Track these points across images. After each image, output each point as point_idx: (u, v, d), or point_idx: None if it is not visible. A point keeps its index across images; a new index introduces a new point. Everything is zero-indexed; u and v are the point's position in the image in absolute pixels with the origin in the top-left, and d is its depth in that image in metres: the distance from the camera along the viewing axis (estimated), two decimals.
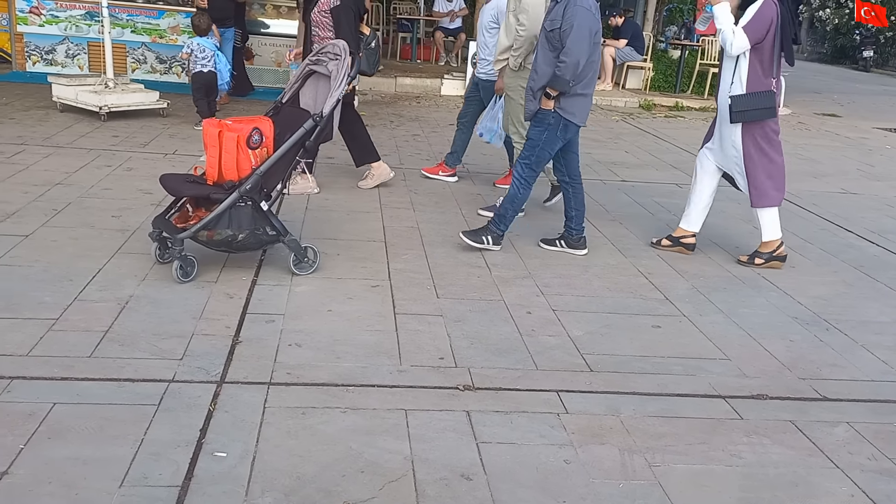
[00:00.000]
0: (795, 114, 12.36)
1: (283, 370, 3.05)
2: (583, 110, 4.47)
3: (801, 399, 3.22)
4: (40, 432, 2.52)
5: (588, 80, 4.40)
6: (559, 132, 4.43)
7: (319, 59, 4.09)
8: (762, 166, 4.61)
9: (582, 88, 4.38)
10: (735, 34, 4.36)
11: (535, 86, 4.40)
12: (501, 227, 4.62)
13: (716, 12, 4.46)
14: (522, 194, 4.59)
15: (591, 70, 4.38)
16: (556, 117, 4.38)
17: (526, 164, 4.53)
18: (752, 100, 4.45)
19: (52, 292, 3.55)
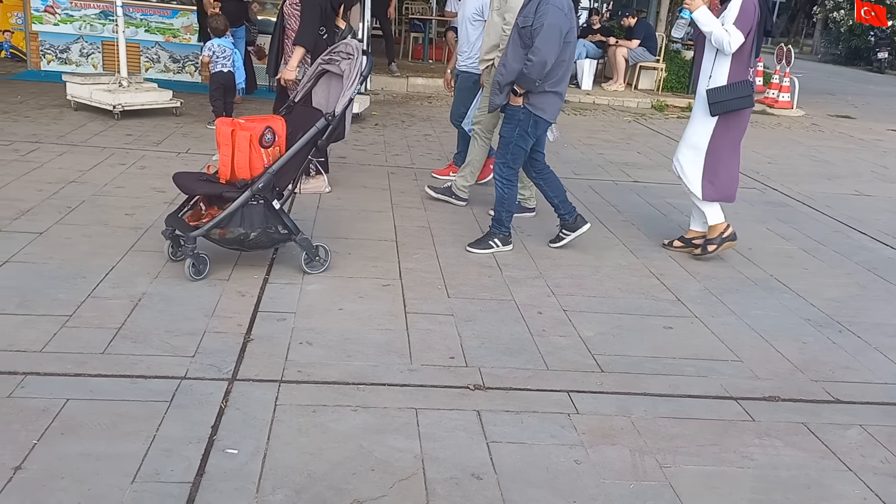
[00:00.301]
0: (809, 115, 12.29)
1: (294, 368, 3.06)
2: (553, 107, 4.47)
3: (814, 401, 3.20)
4: (53, 428, 2.54)
5: (559, 78, 4.39)
6: (530, 128, 4.43)
7: (332, 59, 4.10)
8: (721, 161, 4.63)
9: (552, 86, 4.37)
10: (730, 33, 4.35)
11: (503, 81, 4.36)
12: (504, 229, 4.63)
13: (698, 18, 4.44)
14: (509, 193, 4.59)
15: (561, 68, 4.37)
16: (525, 113, 4.38)
17: (503, 163, 4.54)
18: (731, 90, 4.46)
19: (66, 289, 3.57)
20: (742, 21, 4.35)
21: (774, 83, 12.56)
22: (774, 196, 6.73)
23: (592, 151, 7.95)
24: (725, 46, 4.39)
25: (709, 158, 4.61)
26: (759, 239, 5.39)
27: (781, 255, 5.08)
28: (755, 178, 7.36)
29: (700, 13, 4.43)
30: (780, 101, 12.33)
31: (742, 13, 4.35)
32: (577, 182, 6.55)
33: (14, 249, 3.98)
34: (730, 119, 4.54)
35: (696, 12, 4.44)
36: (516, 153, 4.50)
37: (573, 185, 6.41)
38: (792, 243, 5.36)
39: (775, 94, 12.43)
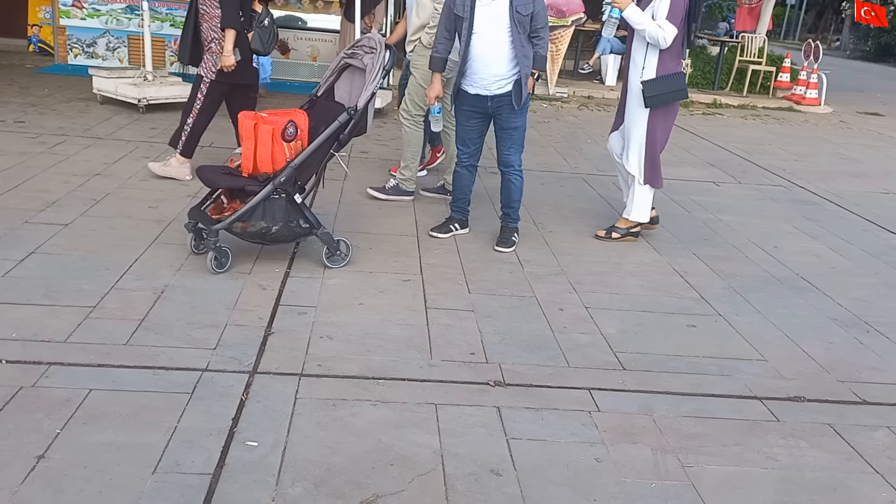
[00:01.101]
0: (837, 112, 12.11)
1: (314, 362, 3.06)
2: None
3: (840, 402, 3.14)
4: (76, 417, 2.56)
5: None
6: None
7: (355, 53, 4.09)
8: (658, 148, 4.65)
9: None
10: (664, 28, 4.33)
11: (527, 71, 4.35)
12: (518, 219, 4.67)
13: (629, 17, 4.41)
14: (522, 181, 4.63)
15: None
16: (528, 97, 4.46)
17: (518, 152, 4.56)
18: (665, 83, 4.46)
19: (90, 280, 3.61)
20: (673, 14, 4.35)
21: (802, 80, 12.38)
22: (801, 194, 6.63)
23: None
24: (661, 42, 4.36)
25: (648, 148, 4.63)
26: (785, 237, 5.31)
27: (808, 253, 5.00)
28: (781, 175, 7.25)
29: (630, 11, 4.40)
30: (808, 98, 12.15)
31: (673, 7, 4.35)
32: (600, 178, 6.50)
33: (40, 240, 4.03)
34: (662, 109, 4.55)
35: (626, 11, 4.41)
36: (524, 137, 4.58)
37: (596, 182, 6.37)
38: (819, 242, 5.28)
39: (803, 91, 12.24)
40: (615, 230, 4.84)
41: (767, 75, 12.74)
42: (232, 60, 5.09)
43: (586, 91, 11.40)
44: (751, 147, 8.54)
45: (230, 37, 5.06)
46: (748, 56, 12.69)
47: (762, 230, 5.41)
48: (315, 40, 9.94)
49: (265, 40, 5.40)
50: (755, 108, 11.71)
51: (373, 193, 5.36)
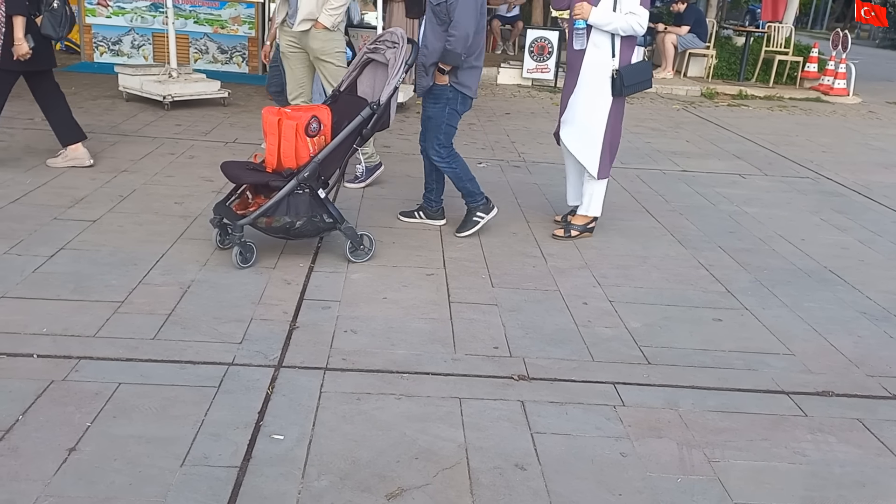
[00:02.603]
0: (866, 102, 11.90)
1: (338, 356, 3.08)
2: (475, 81, 4.40)
3: (870, 397, 3.10)
4: (106, 411, 2.60)
5: (479, 51, 4.33)
6: (458, 105, 4.38)
7: (377, 48, 4.10)
8: (615, 139, 4.56)
9: (475, 60, 4.32)
10: (638, 14, 4.22)
11: (427, 61, 4.29)
12: (478, 198, 4.59)
13: (596, 21, 4.25)
14: (458, 167, 4.53)
15: (480, 41, 4.30)
16: (453, 91, 4.33)
17: (439, 145, 4.47)
18: (637, 72, 4.37)
19: (118, 276, 3.66)
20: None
21: (830, 70, 12.19)
22: (829, 185, 6.54)
23: (640, 140, 7.83)
24: (637, 28, 4.25)
25: (607, 138, 4.51)
26: (812, 229, 5.24)
27: (836, 246, 4.93)
28: (808, 167, 7.15)
29: (594, 17, 4.25)
30: (836, 89, 11.95)
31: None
32: (624, 171, 6.45)
33: (69, 236, 4.09)
34: (620, 99, 4.48)
35: (591, 18, 4.26)
36: (448, 132, 4.45)
37: (620, 175, 6.32)
38: (847, 234, 5.20)
39: (830, 81, 12.05)
40: (573, 227, 4.70)
41: (794, 65, 12.56)
42: (25, 48, 4.83)
43: None
44: (777, 138, 8.43)
45: (18, 23, 4.78)
46: (775, 46, 12.52)
47: (789, 222, 5.34)
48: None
49: (56, 24, 5.02)
50: (782, 98, 11.55)
51: (351, 186, 5.30)
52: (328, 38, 5.03)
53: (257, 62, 9.71)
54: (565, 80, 4.61)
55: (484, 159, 6.54)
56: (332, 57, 5.08)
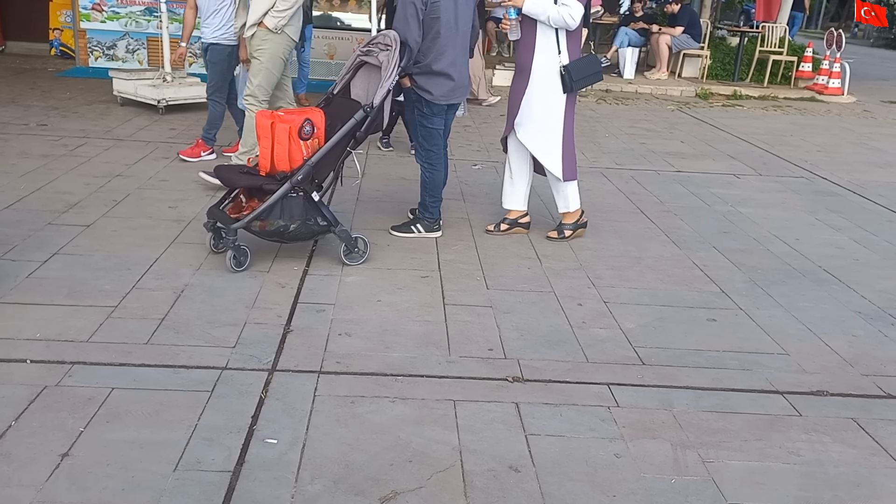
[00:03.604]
0: (860, 102, 11.92)
1: (332, 359, 3.07)
2: (439, 88, 4.29)
3: (864, 396, 3.10)
4: (99, 416, 2.59)
5: (443, 58, 4.23)
6: (424, 108, 4.36)
7: (370, 50, 4.10)
8: (571, 137, 4.52)
9: (436, 66, 4.23)
10: (569, 5, 4.16)
11: None
12: (428, 215, 4.56)
13: (529, 10, 4.21)
14: (430, 177, 4.51)
15: (435, 46, 4.20)
16: (416, 94, 4.34)
17: (419, 145, 4.49)
18: (584, 66, 4.33)
19: (112, 280, 3.65)
20: None
21: (824, 69, 12.20)
22: (823, 185, 6.54)
23: (635, 141, 7.83)
24: (568, 21, 4.20)
25: (565, 137, 4.47)
26: (807, 229, 5.25)
27: (831, 245, 4.93)
28: (803, 166, 7.16)
29: (528, 5, 4.21)
30: (830, 88, 11.97)
31: None
32: (619, 172, 6.46)
33: (63, 241, 4.08)
34: (571, 96, 4.45)
35: (525, 7, 4.22)
36: (426, 133, 4.44)
37: (614, 176, 6.33)
38: (842, 233, 5.21)
39: (825, 81, 12.07)
40: (565, 227, 4.68)
41: (789, 65, 12.58)
42: None
43: (604, 85, 11.31)
44: (772, 138, 8.44)
45: None
46: (769, 46, 12.54)
47: (784, 222, 5.35)
48: (331, 38, 9.96)
49: None
50: (776, 98, 11.57)
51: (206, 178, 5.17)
52: (265, 37, 5.01)
53: None
54: (513, 82, 4.55)
55: (479, 161, 6.54)
56: (261, 54, 5.04)
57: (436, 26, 4.17)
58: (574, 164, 4.61)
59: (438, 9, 4.14)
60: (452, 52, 4.28)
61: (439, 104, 4.37)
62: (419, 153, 4.56)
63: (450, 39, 4.25)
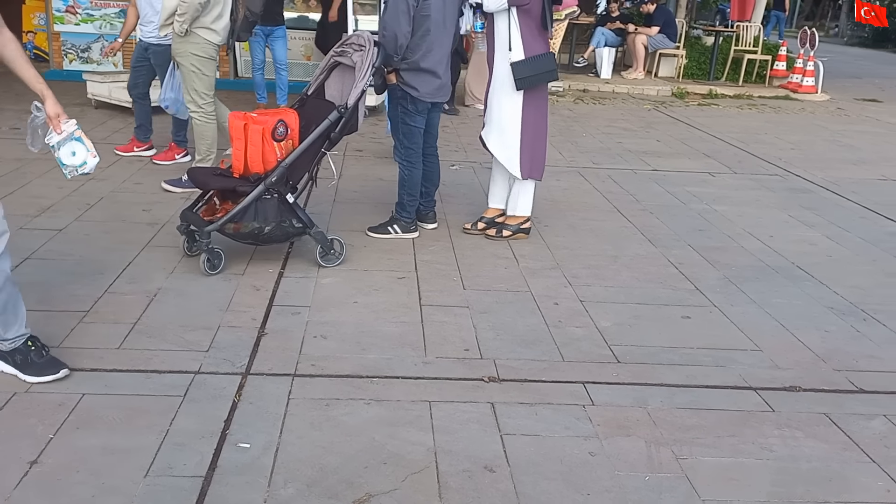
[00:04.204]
0: (834, 99, 12.06)
1: (307, 362, 3.06)
2: (426, 85, 4.31)
3: (837, 391, 3.13)
4: (69, 422, 2.56)
5: (430, 55, 4.25)
6: (409, 105, 4.36)
7: (344, 51, 4.08)
8: (536, 136, 4.49)
9: (424, 63, 4.25)
10: None
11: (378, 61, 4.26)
12: (405, 215, 4.55)
13: None
14: (409, 175, 4.51)
15: (424, 43, 4.22)
16: (401, 91, 4.34)
17: (399, 143, 4.49)
18: (534, 64, 4.30)
19: (84, 285, 3.61)
20: None
21: (798, 67, 12.33)
22: (797, 182, 6.61)
23: (611, 140, 7.87)
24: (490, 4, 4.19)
25: (525, 135, 4.45)
26: (780, 226, 5.30)
27: (804, 242, 4.98)
28: (777, 164, 7.23)
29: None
30: (805, 86, 12.10)
31: None
32: (595, 171, 6.49)
33: (35, 246, 4.03)
34: (534, 92, 4.40)
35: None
36: (406, 131, 4.44)
37: (592, 175, 6.36)
38: (815, 230, 5.26)
39: (799, 79, 12.20)
40: (505, 227, 4.66)
41: (763, 64, 12.71)
42: None
43: (582, 85, 11.38)
44: (747, 137, 8.52)
45: None
46: (743, 45, 12.66)
47: (757, 220, 5.40)
48: (308, 39, 9.91)
49: None
50: (751, 97, 11.68)
51: (167, 187, 5.17)
52: (180, 41, 4.97)
53: (227, 67, 9.65)
54: (488, 80, 4.58)
55: (457, 161, 6.54)
56: (184, 59, 5.00)
57: (426, 24, 4.20)
58: (536, 163, 4.56)
59: (430, 7, 4.18)
60: (440, 50, 4.32)
61: (424, 101, 4.38)
62: (398, 151, 4.56)
63: (438, 38, 4.29)
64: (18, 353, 2.79)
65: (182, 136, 5.85)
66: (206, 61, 5.07)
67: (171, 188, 5.15)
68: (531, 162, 4.53)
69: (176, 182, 5.18)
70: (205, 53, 5.04)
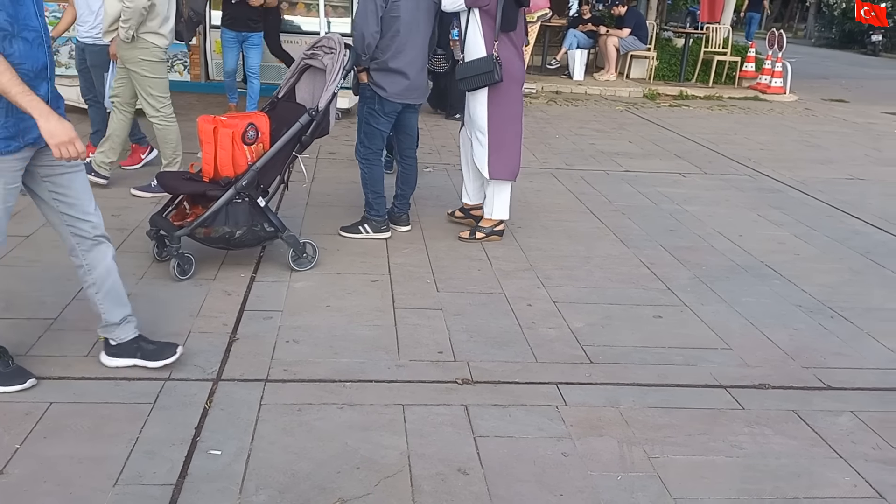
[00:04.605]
0: (802, 100, 12.25)
1: (280, 367, 3.04)
2: (394, 85, 4.31)
3: (805, 388, 3.18)
4: (37, 431, 2.52)
5: (400, 56, 4.26)
6: (377, 105, 4.37)
7: (315, 53, 4.07)
8: (504, 137, 4.52)
9: (393, 63, 4.27)
10: None
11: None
12: (374, 214, 4.56)
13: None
14: (369, 174, 4.52)
15: (394, 44, 4.23)
16: (370, 90, 4.35)
17: (359, 141, 4.51)
18: (472, 65, 4.36)
19: (52, 292, 3.55)
20: None
21: (767, 69, 12.51)
22: (766, 182, 6.71)
23: (584, 142, 7.92)
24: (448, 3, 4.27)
25: (491, 136, 4.51)
26: (749, 225, 5.37)
27: (773, 241, 5.05)
28: (746, 164, 7.33)
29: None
30: (773, 87, 12.28)
31: None
32: (568, 173, 6.53)
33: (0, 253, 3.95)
34: (501, 95, 4.43)
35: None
36: (368, 132, 4.45)
37: (564, 176, 6.40)
38: (783, 229, 5.34)
39: (768, 80, 12.38)
40: (479, 230, 4.70)
41: (733, 65, 12.87)
42: None
43: (554, 86, 11.44)
44: (717, 137, 8.63)
45: None
46: (713, 47, 12.81)
47: (727, 219, 5.46)
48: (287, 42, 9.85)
49: None
50: (721, 98, 11.82)
51: (136, 193, 5.12)
52: (126, 47, 4.87)
53: (199, 70, 9.56)
54: None
55: (430, 163, 6.54)
56: (134, 65, 4.90)
57: (396, 25, 4.21)
58: (508, 164, 4.57)
59: (399, 8, 4.19)
60: (412, 51, 4.32)
61: (391, 102, 4.36)
62: (358, 150, 4.55)
63: (409, 39, 4.28)
64: None
65: (138, 133, 5.75)
66: (157, 64, 4.96)
67: (141, 194, 5.09)
68: (498, 163, 4.55)
69: (145, 188, 5.12)
70: (154, 57, 4.93)
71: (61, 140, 2.47)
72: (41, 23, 2.55)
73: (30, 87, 2.46)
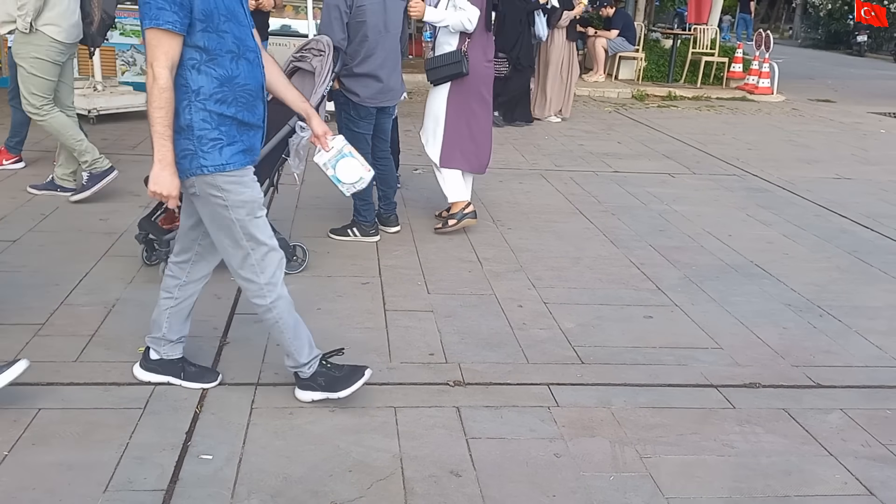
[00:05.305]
0: (789, 100, 12.33)
1: (270, 370, 3.02)
2: (366, 89, 4.32)
3: (795, 387, 3.19)
4: (25, 438, 2.50)
5: (370, 60, 4.27)
6: (352, 111, 4.38)
7: (303, 56, 4.05)
8: (462, 130, 4.66)
9: (363, 68, 4.27)
10: (465, 10, 4.39)
11: None
12: (362, 218, 4.57)
13: (431, 19, 4.48)
14: None
15: (363, 49, 4.24)
16: (343, 97, 4.37)
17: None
18: (440, 59, 4.54)
19: (39, 297, 3.52)
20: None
21: (754, 69, 12.58)
22: (754, 182, 6.74)
23: (573, 143, 7.94)
24: (467, 25, 4.43)
25: (448, 128, 4.64)
26: (738, 225, 5.39)
27: (761, 240, 5.08)
28: (735, 164, 7.37)
29: (428, 15, 4.45)
30: (760, 87, 12.35)
31: None
32: (558, 173, 6.54)
33: None
34: (456, 87, 4.58)
35: (426, 16, 4.46)
36: (350, 138, 4.31)
37: (554, 177, 6.41)
38: (772, 229, 5.37)
39: (755, 81, 12.45)
40: (451, 217, 4.77)
41: (720, 66, 12.93)
42: None
43: None
44: (705, 138, 8.67)
45: None
46: (701, 48, 12.87)
47: (716, 219, 5.48)
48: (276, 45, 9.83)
49: None
50: (709, 99, 11.88)
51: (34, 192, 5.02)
52: (21, 40, 4.67)
53: None
54: None
55: (420, 165, 6.53)
56: (24, 61, 4.68)
57: (362, 30, 4.20)
58: (459, 155, 4.68)
59: (364, 12, 4.17)
60: (382, 53, 4.31)
61: (366, 106, 4.36)
62: None
63: (378, 42, 4.28)
64: None
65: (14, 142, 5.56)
66: (48, 65, 4.70)
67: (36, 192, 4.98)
68: (450, 153, 4.67)
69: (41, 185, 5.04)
70: (48, 57, 4.68)
71: (161, 191, 2.50)
72: (256, 44, 2.62)
73: (250, 107, 2.60)
